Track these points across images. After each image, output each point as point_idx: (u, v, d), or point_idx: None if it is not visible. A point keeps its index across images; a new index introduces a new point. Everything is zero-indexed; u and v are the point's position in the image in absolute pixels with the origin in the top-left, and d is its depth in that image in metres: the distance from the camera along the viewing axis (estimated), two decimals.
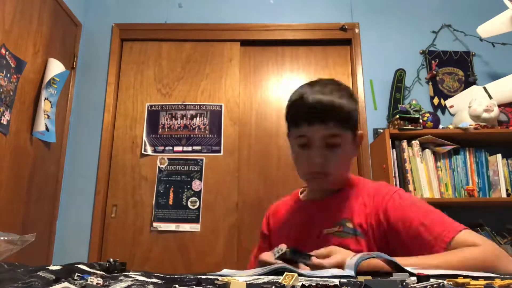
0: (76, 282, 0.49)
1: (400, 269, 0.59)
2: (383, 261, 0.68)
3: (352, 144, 0.94)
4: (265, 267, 0.66)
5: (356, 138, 0.95)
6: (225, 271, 0.68)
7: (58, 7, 2.28)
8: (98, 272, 0.59)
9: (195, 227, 2.27)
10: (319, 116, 0.88)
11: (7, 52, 1.79)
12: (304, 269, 0.69)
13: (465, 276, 0.51)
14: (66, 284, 0.45)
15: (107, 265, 0.61)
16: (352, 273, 0.59)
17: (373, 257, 0.66)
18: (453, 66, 2.51)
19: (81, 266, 0.61)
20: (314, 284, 0.42)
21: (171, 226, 2.28)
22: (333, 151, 0.90)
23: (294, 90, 0.96)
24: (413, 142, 2.10)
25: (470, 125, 2.09)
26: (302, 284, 0.48)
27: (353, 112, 0.91)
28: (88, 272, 0.58)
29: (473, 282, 0.47)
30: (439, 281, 0.46)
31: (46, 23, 2.14)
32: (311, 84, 0.94)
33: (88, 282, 0.48)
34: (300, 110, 0.91)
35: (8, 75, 1.80)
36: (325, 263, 0.70)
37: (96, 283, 0.49)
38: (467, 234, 0.78)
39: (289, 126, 0.96)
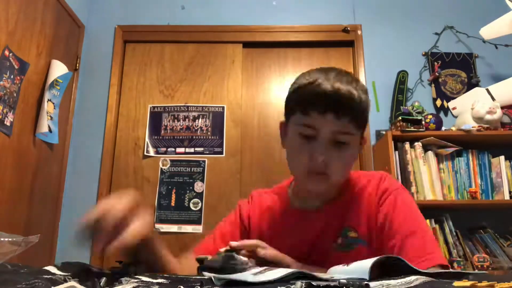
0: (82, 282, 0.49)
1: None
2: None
3: (358, 147, 0.83)
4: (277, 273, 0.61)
5: (362, 140, 0.84)
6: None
7: (61, 9, 2.28)
8: (105, 272, 0.59)
9: (197, 229, 2.27)
10: (336, 106, 0.75)
11: (10, 54, 1.80)
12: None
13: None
14: (72, 283, 0.45)
15: (116, 266, 0.61)
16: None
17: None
18: (456, 68, 2.51)
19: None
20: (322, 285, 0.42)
21: (173, 228, 2.28)
22: (340, 151, 0.78)
23: (301, 74, 0.82)
24: (416, 144, 2.09)
25: (473, 127, 2.09)
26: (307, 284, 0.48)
27: (368, 111, 0.81)
28: (95, 272, 0.58)
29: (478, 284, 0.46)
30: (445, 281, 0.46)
31: (49, 25, 2.15)
32: (323, 70, 0.80)
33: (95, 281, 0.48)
34: (313, 96, 0.76)
35: (12, 76, 1.81)
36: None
37: (101, 283, 0.48)
38: None
39: (291, 112, 0.82)
